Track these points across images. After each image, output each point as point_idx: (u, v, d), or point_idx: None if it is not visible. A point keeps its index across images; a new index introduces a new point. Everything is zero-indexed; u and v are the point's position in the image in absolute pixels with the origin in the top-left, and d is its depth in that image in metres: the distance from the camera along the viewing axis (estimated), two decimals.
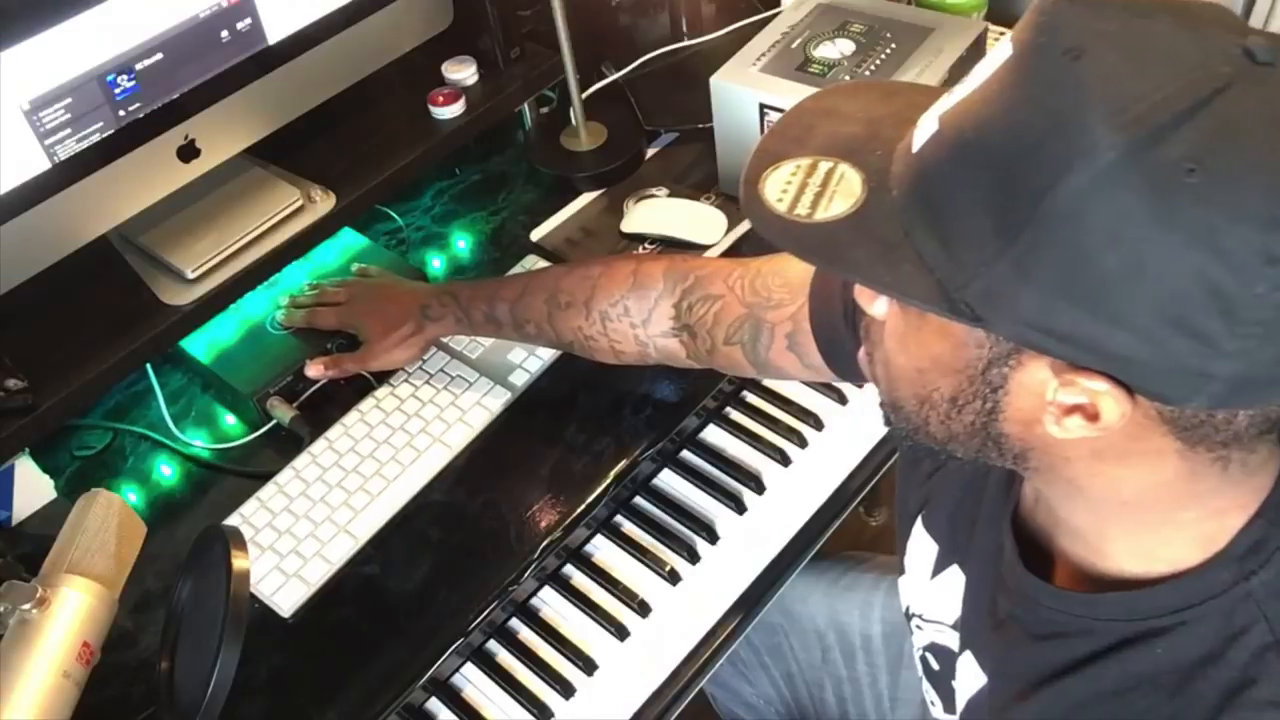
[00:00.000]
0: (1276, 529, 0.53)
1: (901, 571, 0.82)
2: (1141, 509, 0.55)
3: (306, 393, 1.05)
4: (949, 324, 0.50)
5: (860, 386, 1.05)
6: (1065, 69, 0.44)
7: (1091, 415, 0.48)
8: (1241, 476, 0.52)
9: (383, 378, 1.06)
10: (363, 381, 1.06)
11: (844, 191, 0.53)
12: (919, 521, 0.78)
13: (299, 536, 0.94)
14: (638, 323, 0.89)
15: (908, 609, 0.81)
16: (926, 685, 0.81)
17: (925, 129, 0.49)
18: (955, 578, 0.73)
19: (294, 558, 0.93)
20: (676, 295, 0.87)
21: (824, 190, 0.53)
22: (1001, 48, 0.48)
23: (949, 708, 0.78)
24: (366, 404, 1.04)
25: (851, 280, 0.54)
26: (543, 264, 1.14)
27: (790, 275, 0.82)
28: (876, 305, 0.57)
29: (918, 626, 0.79)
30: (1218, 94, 0.42)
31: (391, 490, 0.97)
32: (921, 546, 0.77)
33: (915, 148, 0.50)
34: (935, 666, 0.78)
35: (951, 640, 0.74)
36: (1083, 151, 0.42)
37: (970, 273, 0.47)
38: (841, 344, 0.78)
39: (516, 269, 1.16)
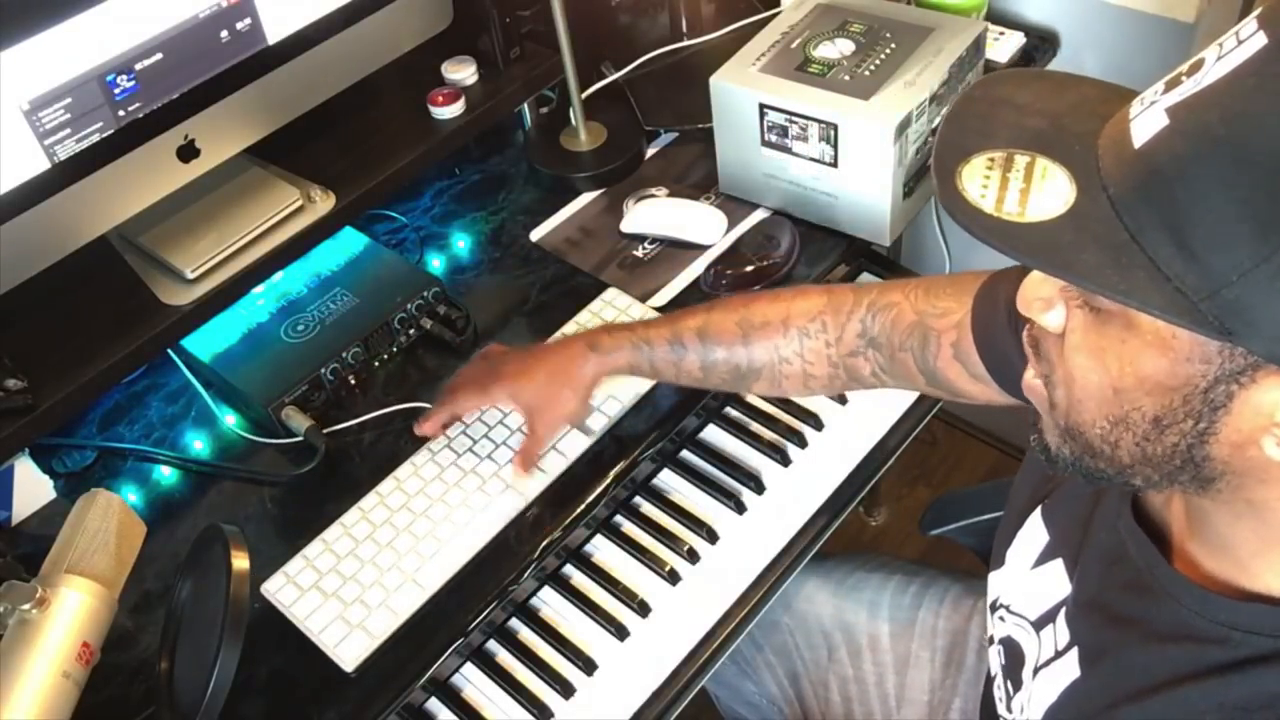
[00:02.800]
0: None
1: (999, 564, 0.80)
2: None
3: (320, 400, 1.05)
4: (1170, 337, 0.47)
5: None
6: None
7: None
8: None
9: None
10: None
11: (1052, 188, 0.49)
12: (1038, 511, 0.76)
13: (364, 584, 0.90)
14: (832, 340, 0.87)
15: (996, 600, 0.79)
16: (1000, 681, 0.79)
17: (1149, 123, 0.46)
18: (1054, 573, 0.71)
19: (358, 607, 0.89)
20: (864, 308, 0.86)
21: (1028, 186, 0.49)
22: (1242, 35, 0.44)
23: (1008, 706, 0.77)
24: (438, 442, 1.00)
25: (1078, 286, 0.50)
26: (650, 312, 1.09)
27: (963, 283, 0.80)
28: (1052, 315, 0.54)
29: (1000, 619, 0.77)
30: None
31: (462, 537, 0.93)
32: (1033, 536, 0.75)
33: (1138, 143, 0.46)
34: (1004, 661, 0.77)
35: (1025, 638, 0.73)
36: None
37: (1219, 281, 0.43)
38: (1007, 356, 0.75)
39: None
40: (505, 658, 0.93)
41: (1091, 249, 0.47)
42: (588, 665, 0.91)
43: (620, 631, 0.93)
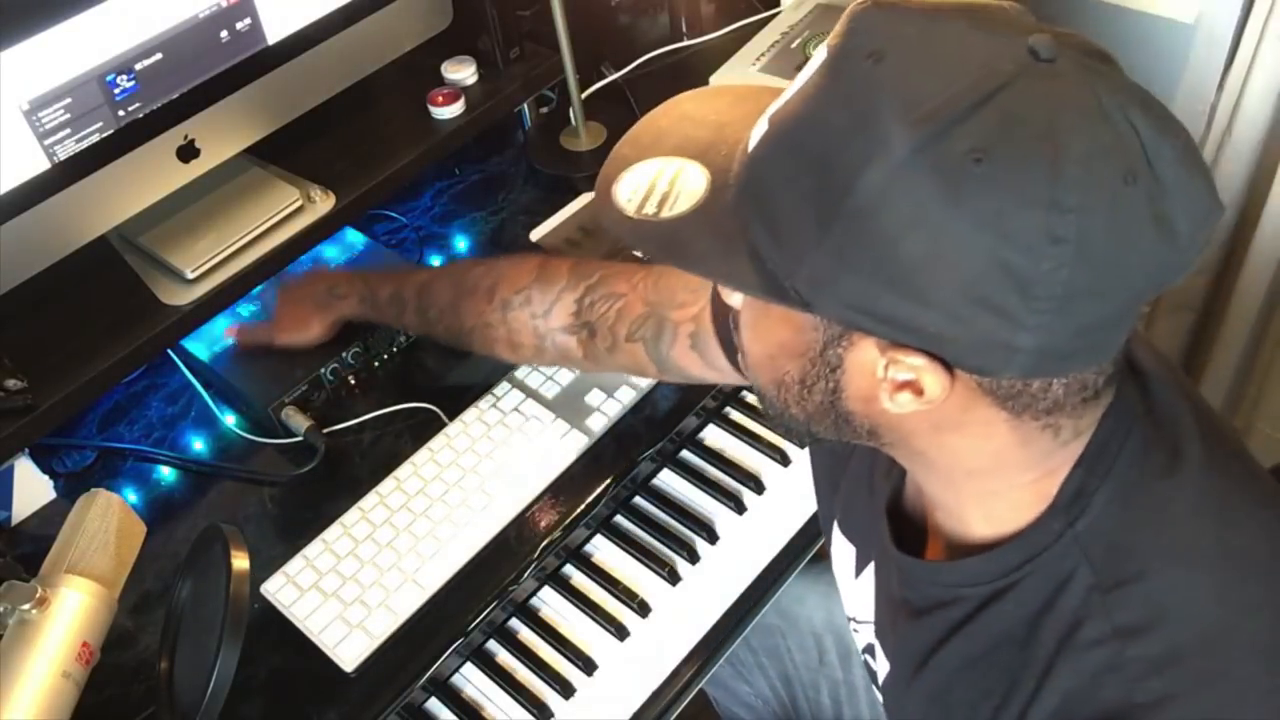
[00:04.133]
0: (1093, 475, 0.56)
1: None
2: (985, 476, 0.58)
3: (320, 400, 1.05)
4: (789, 311, 0.53)
5: None
6: (867, 71, 0.47)
7: (918, 390, 0.51)
8: (1073, 440, 0.56)
9: (454, 413, 1.03)
10: (426, 414, 1.06)
11: (689, 191, 0.55)
12: (836, 527, 0.80)
13: (364, 584, 0.91)
14: (539, 313, 0.90)
15: (851, 615, 0.81)
16: (876, 690, 0.81)
17: (759, 129, 0.52)
18: (870, 579, 0.75)
19: (358, 607, 0.89)
20: (579, 290, 0.89)
21: (671, 191, 0.56)
22: (819, 51, 0.51)
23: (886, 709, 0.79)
24: (438, 442, 1.00)
25: (692, 273, 0.57)
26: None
27: (694, 278, 0.84)
28: (734, 298, 0.60)
29: (855, 630, 0.81)
30: (1001, 89, 0.45)
31: (462, 537, 0.93)
32: (842, 551, 0.79)
33: (750, 147, 0.53)
34: (874, 667, 0.78)
35: (874, 638, 0.76)
36: (880, 147, 0.45)
37: (796, 261, 0.49)
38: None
39: None
40: (505, 658, 0.93)
41: (705, 240, 0.54)
42: (588, 665, 0.91)
43: (620, 631, 0.93)
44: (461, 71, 1.19)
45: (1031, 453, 0.55)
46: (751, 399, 1.09)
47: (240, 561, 0.80)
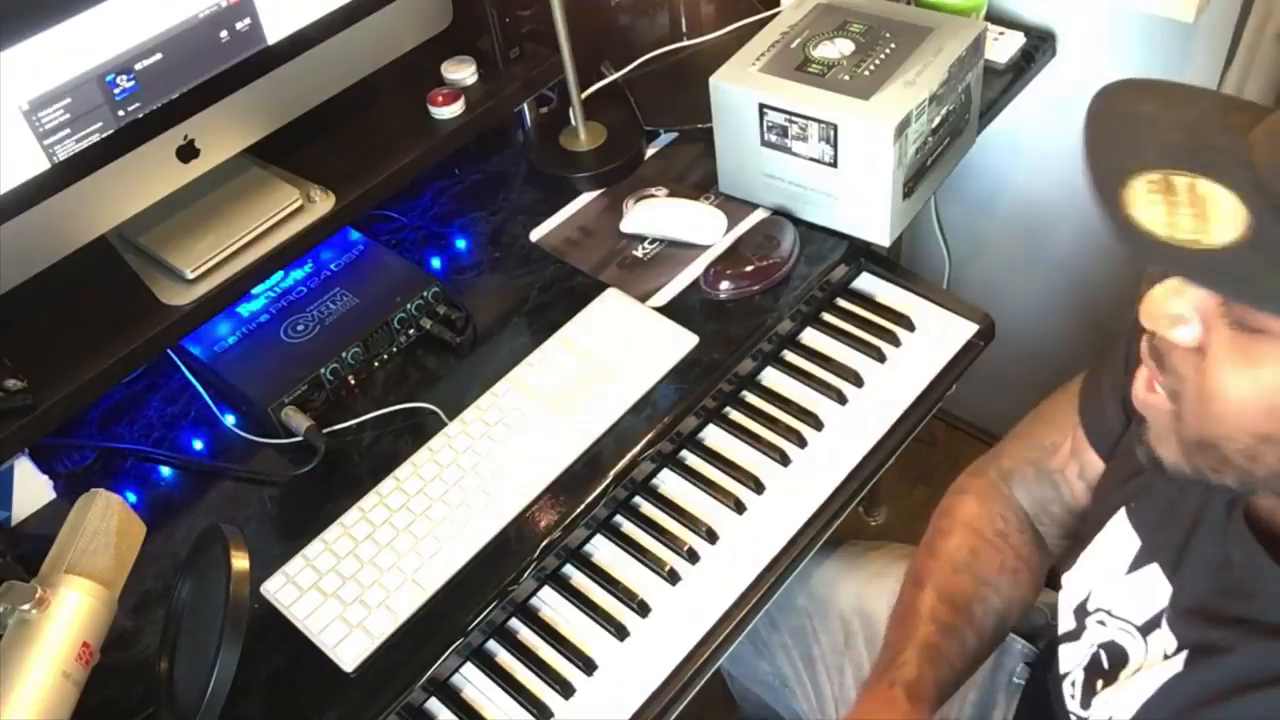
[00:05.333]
0: None
1: (1070, 565, 0.81)
2: None
3: (320, 400, 1.05)
4: None
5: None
6: None
7: None
8: None
9: (454, 413, 1.02)
10: (426, 414, 1.05)
11: (1218, 211, 0.49)
12: (1122, 514, 0.76)
13: (364, 584, 0.90)
14: (1003, 547, 0.91)
15: (1084, 603, 0.78)
16: (1073, 680, 0.79)
17: None
18: (1153, 578, 0.71)
19: (358, 607, 0.89)
20: (996, 514, 0.92)
21: (1197, 210, 0.49)
22: None
23: (1086, 704, 0.77)
24: (438, 442, 1.00)
25: (1271, 311, 0.49)
26: None
27: (1051, 411, 0.86)
28: (1185, 331, 0.54)
29: (1099, 623, 0.77)
30: None
31: (462, 537, 0.93)
32: (1119, 539, 0.75)
33: None
34: (1106, 665, 0.76)
35: (1131, 643, 0.73)
36: None
37: None
38: (1118, 434, 0.79)
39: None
40: (505, 658, 0.93)
41: (1274, 273, 0.47)
42: (588, 665, 0.91)
43: (620, 631, 0.93)
44: (461, 71, 1.19)
45: None
46: (752, 399, 1.09)
47: (240, 561, 0.80)
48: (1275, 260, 0.47)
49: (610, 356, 1.05)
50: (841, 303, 1.18)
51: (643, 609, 0.94)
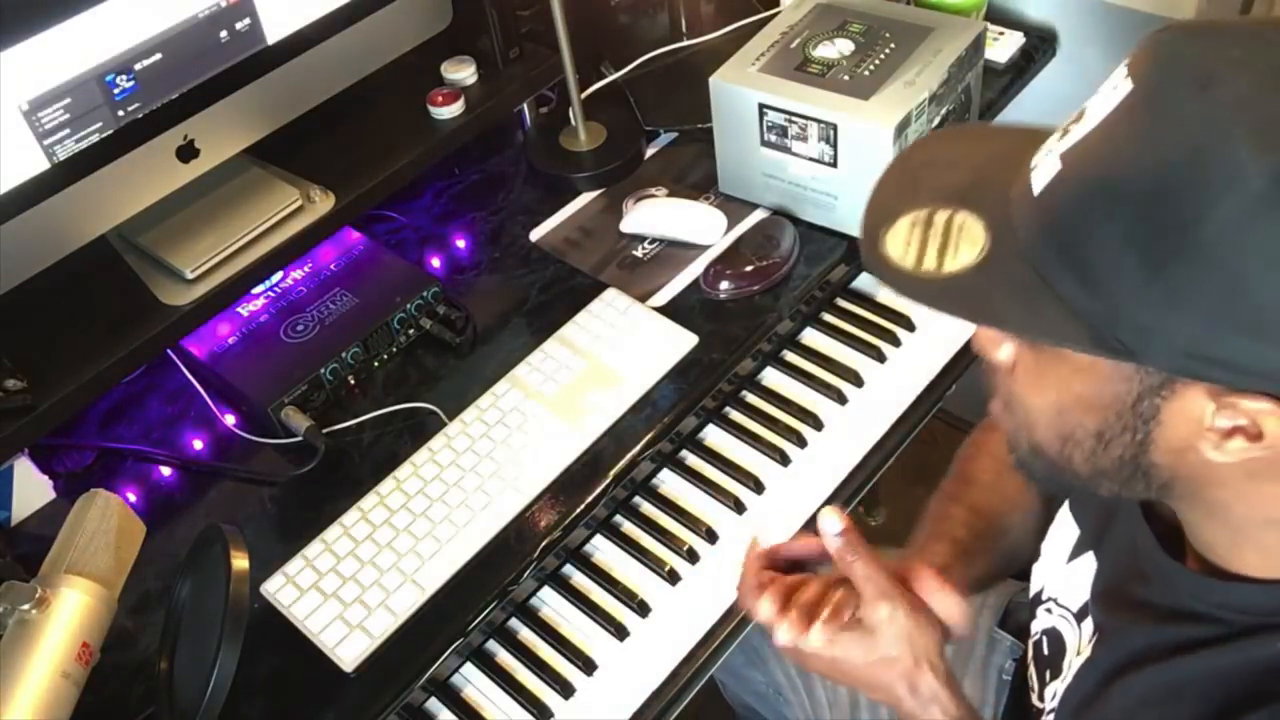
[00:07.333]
0: None
1: (1036, 556, 0.82)
2: None
3: (319, 400, 1.05)
4: (1093, 361, 0.50)
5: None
6: (1196, 99, 0.44)
7: (1254, 435, 0.48)
8: None
9: (454, 413, 1.02)
10: (426, 414, 1.05)
11: (968, 240, 0.53)
12: (1066, 505, 0.78)
13: (364, 584, 0.90)
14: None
15: (1039, 593, 0.80)
16: (1033, 670, 0.81)
17: (1046, 170, 0.50)
18: (1087, 565, 0.74)
19: (358, 607, 0.89)
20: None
21: (946, 241, 0.53)
22: (1115, 83, 0.48)
23: (1041, 695, 0.78)
24: (438, 442, 1.00)
25: (996, 329, 0.54)
26: None
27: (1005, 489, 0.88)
28: (1001, 351, 0.58)
29: (1046, 610, 0.79)
30: None
31: (462, 537, 0.93)
32: (1064, 529, 0.78)
33: (1037, 190, 0.50)
34: (1046, 651, 0.78)
35: (1068, 629, 0.75)
36: (1230, 179, 0.43)
37: (1116, 309, 0.47)
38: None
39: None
40: (505, 658, 0.93)
41: (1001, 292, 0.51)
42: (588, 665, 0.91)
43: (620, 631, 0.93)
44: (461, 71, 1.19)
45: None
46: (752, 399, 1.09)
47: (240, 561, 0.80)
48: (997, 280, 0.51)
49: (610, 356, 1.05)
50: (841, 303, 1.18)
51: (643, 609, 0.94)
